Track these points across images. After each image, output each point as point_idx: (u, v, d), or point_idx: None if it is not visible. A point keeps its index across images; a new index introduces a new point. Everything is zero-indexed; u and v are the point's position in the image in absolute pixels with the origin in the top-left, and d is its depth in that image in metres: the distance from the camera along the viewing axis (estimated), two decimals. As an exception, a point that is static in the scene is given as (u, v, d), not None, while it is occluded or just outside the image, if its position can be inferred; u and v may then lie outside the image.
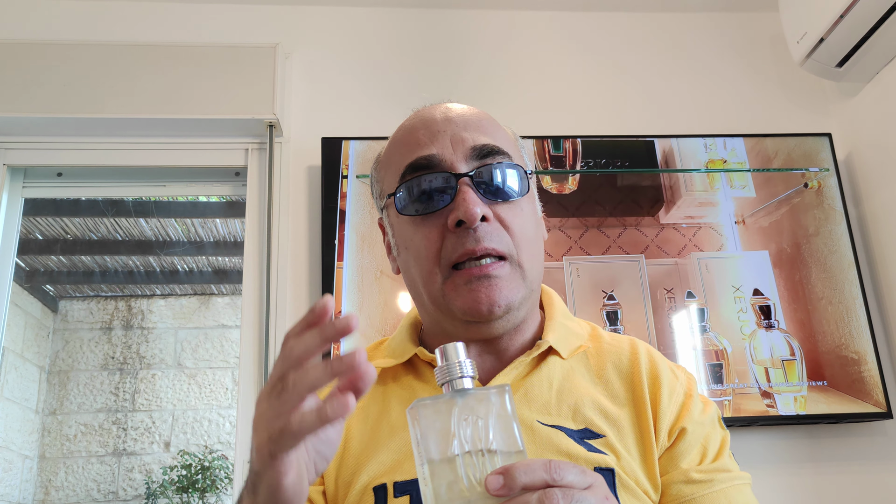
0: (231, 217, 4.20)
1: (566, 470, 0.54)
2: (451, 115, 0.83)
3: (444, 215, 0.77)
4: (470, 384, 0.57)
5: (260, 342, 1.83)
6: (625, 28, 2.26)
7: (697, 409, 0.81)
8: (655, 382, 0.81)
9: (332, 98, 2.09)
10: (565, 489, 0.52)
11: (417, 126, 0.83)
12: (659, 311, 1.88)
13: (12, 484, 4.45)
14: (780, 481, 1.82)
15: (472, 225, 0.75)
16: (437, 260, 0.77)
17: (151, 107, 1.94)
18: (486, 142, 0.80)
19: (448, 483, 0.54)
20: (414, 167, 0.79)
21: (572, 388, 0.80)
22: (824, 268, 1.94)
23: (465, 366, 0.58)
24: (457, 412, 0.56)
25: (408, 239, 0.80)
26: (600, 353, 0.85)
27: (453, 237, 0.76)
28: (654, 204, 1.98)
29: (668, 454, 0.79)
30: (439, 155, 0.79)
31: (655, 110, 2.16)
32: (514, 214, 0.79)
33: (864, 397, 1.82)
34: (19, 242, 2.05)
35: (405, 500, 0.73)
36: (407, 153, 0.81)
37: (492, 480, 0.52)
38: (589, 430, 0.77)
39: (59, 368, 4.94)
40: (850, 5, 1.78)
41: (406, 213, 0.80)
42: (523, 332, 0.84)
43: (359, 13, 2.19)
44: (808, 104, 2.21)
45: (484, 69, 2.16)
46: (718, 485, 0.77)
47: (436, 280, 0.78)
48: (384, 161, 0.87)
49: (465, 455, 0.54)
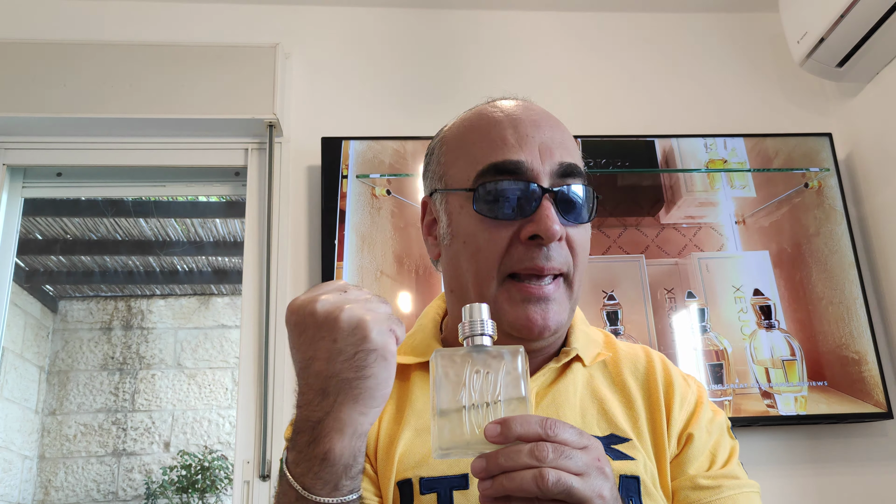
0: (231, 217, 4.20)
1: (562, 428, 0.57)
2: (538, 121, 0.82)
3: (518, 224, 0.77)
4: (489, 342, 0.61)
5: (260, 342, 1.83)
6: (625, 28, 2.26)
7: (706, 417, 0.82)
8: (669, 389, 0.82)
9: (332, 98, 2.09)
10: (557, 445, 0.55)
11: (504, 123, 0.81)
12: (659, 312, 1.88)
13: (12, 484, 4.45)
14: (780, 482, 1.82)
15: (548, 243, 0.75)
16: (497, 265, 0.77)
17: (151, 107, 1.94)
18: (571, 161, 0.80)
19: (451, 427, 0.58)
20: (499, 169, 0.78)
21: (594, 394, 0.82)
22: (825, 268, 1.93)
23: (486, 325, 0.62)
24: (470, 364, 0.60)
25: (470, 234, 0.79)
26: (617, 360, 0.86)
27: (522, 248, 0.76)
28: (655, 204, 1.98)
29: (676, 460, 0.79)
30: (527, 163, 0.78)
31: (655, 110, 2.16)
32: (580, 237, 0.80)
33: (865, 397, 1.82)
34: (19, 242, 2.05)
35: (432, 498, 0.73)
36: (490, 149, 0.79)
37: (490, 428, 0.56)
38: (615, 436, 0.78)
39: (58, 368, 4.94)
40: (850, 5, 1.78)
41: (482, 213, 0.78)
42: (554, 339, 0.84)
43: (359, 13, 2.19)
44: (808, 104, 2.21)
45: (484, 69, 2.16)
46: (726, 491, 0.77)
47: (491, 284, 0.78)
48: (453, 143, 0.85)
49: (471, 404, 0.59)
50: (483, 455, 0.56)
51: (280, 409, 1.78)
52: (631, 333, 1.85)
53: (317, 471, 0.61)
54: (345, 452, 0.61)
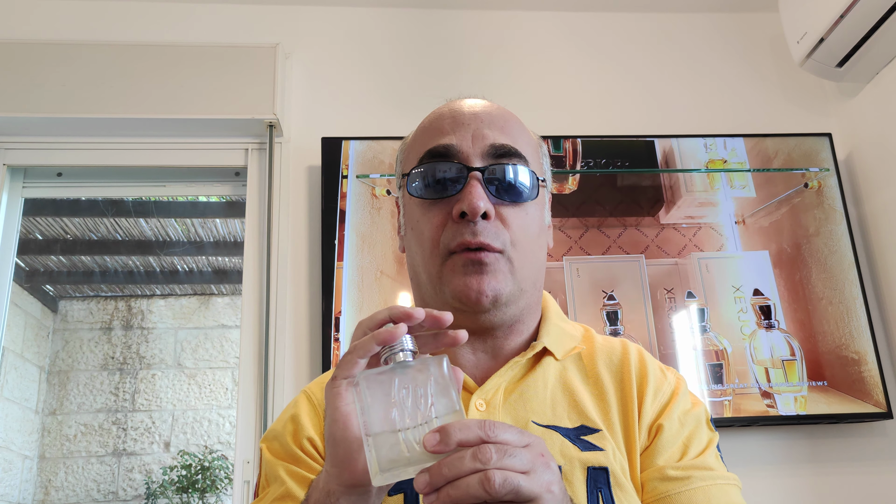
0: (231, 217, 4.20)
1: (501, 429, 0.56)
2: (477, 110, 0.85)
3: (450, 204, 0.80)
4: (410, 357, 0.61)
5: (260, 342, 1.83)
6: (625, 28, 2.26)
7: (681, 408, 0.82)
8: (643, 381, 0.82)
9: (332, 98, 2.09)
10: (499, 445, 0.54)
11: (445, 115, 0.85)
12: (659, 312, 1.88)
13: (12, 484, 4.45)
14: (780, 481, 1.82)
15: (473, 218, 0.77)
16: (437, 244, 0.80)
17: (151, 107, 1.94)
18: (505, 142, 0.82)
19: (389, 447, 0.57)
20: (432, 154, 0.82)
21: (566, 387, 0.82)
22: (824, 268, 1.93)
23: (406, 341, 0.61)
24: (397, 382, 0.59)
25: (414, 220, 0.83)
26: (592, 353, 0.86)
27: (454, 227, 0.78)
28: (654, 204, 1.98)
29: (646, 452, 0.79)
30: (458, 146, 0.81)
31: (655, 110, 2.16)
32: (516, 216, 0.81)
33: (865, 397, 1.82)
34: (19, 242, 2.05)
35: (399, 499, 0.73)
36: (429, 139, 0.84)
37: (429, 438, 0.55)
38: (585, 427, 0.78)
39: (58, 368, 4.94)
40: (850, 5, 1.78)
41: (415, 195, 0.82)
42: (520, 332, 0.85)
43: (359, 13, 2.19)
44: (808, 104, 2.21)
45: (484, 69, 2.16)
46: (697, 482, 0.76)
47: (435, 262, 0.80)
48: (409, 143, 0.90)
49: (405, 422, 0.57)
50: (425, 469, 0.55)
51: (280, 409, 1.78)
52: (631, 333, 1.85)
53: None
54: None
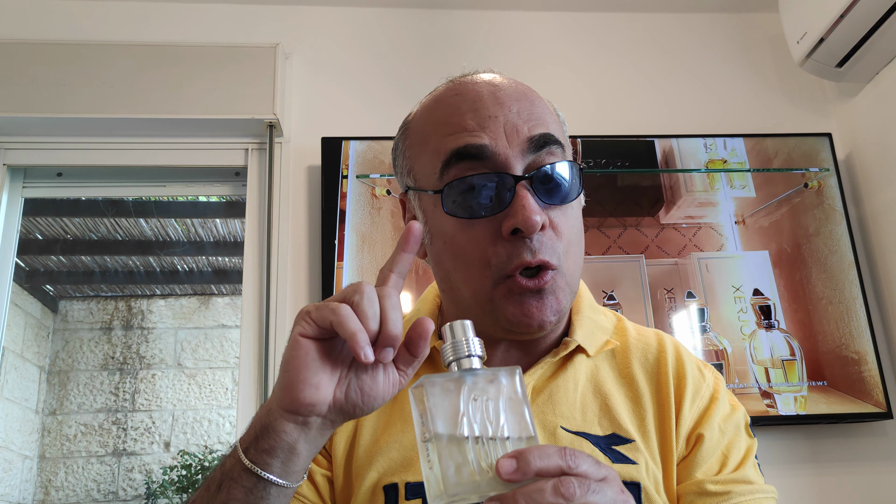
0: (231, 217, 4.20)
1: (581, 459, 0.51)
2: (500, 95, 0.75)
3: (497, 220, 0.70)
4: (478, 364, 0.55)
5: (260, 342, 1.83)
6: (625, 28, 2.26)
7: (721, 413, 0.77)
8: (681, 383, 0.77)
9: (332, 98, 2.09)
10: (581, 478, 0.49)
11: (462, 107, 0.74)
12: (659, 312, 1.88)
13: (12, 484, 4.45)
14: (780, 481, 1.80)
15: (529, 235, 0.69)
16: (486, 265, 0.71)
17: (151, 107, 1.94)
18: (541, 131, 0.73)
19: (456, 466, 0.50)
20: (461, 154, 0.71)
21: (598, 389, 0.76)
22: (824, 268, 1.93)
23: (473, 344, 0.55)
24: (466, 391, 0.53)
25: (449, 236, 0.73)
26: (626, 350, 0.81)
27: (507, 245, 0.70)
28: (654, 204, 1.98)
29: (684, 462, 0.74)
30: (492, 148, 0.71)
31: (655, 110, 2.16)
32: (566, 218, 0.73)
33: (865, 397, 1.82)
34: (19, 242, 2.05)
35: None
36: (448, 135, 0.73)
37: (504, 464, 0.49)
38: (616, 436, 0.73)
39: (58, 368, 4.94)
40: (850, 5, 1.78)
41: (455, 215, 0.71)
42: (555, 330, 0.78)
43: (359, 13, 2.19)
44: (808, 104, 2.21)
45: (484, 69, 2.16)
46: (736, 497, 0.71)
47: (485, 284, 0.72)
48: (417, 137, 0.79)
49: (474, 437, 0.51)
50: (496, 497, 0.49)
51: (280, 408, 1.78)
52: (631, 333, 1.85)
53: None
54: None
